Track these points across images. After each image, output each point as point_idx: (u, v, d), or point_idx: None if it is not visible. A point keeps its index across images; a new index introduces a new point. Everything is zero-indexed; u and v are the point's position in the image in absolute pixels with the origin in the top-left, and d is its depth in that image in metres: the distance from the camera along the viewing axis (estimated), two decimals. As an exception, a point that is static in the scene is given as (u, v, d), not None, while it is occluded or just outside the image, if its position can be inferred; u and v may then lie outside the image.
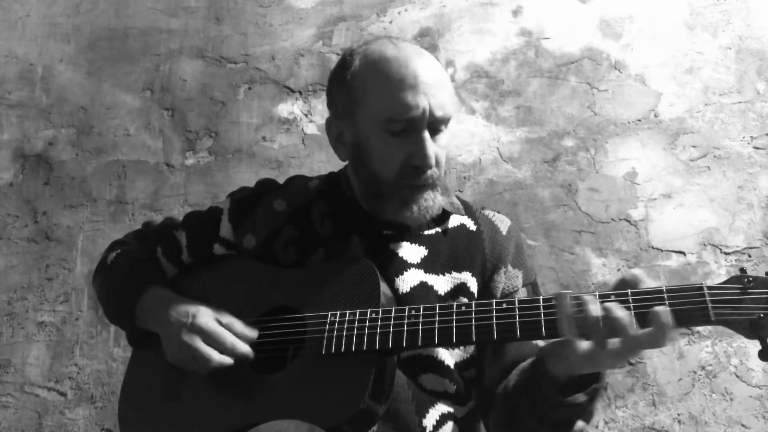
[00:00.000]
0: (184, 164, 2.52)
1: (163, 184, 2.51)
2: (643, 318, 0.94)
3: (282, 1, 2.70)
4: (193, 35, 2.68)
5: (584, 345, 0.97)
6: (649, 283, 0.98)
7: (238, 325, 1.18)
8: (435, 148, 1.18)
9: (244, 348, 1.15)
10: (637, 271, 1.00)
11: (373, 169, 1.21)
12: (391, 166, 1.19)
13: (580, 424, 1.08)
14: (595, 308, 0.95)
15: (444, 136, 1.21)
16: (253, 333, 1.18)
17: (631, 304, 0.95)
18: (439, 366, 1.19)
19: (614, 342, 0.94)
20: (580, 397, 1.04)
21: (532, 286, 1.31)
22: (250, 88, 2.60)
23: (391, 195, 1.20)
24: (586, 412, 1.07)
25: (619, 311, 0.94)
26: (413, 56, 1.19)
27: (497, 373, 1.20)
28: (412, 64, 1.17)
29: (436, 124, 1.18)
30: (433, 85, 1.17)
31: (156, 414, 1.23)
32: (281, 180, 1.44)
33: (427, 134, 1.17)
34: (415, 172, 1.18)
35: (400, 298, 1.19)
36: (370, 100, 1.20)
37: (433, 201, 1.20)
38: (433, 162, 1.17)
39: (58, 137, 2.58)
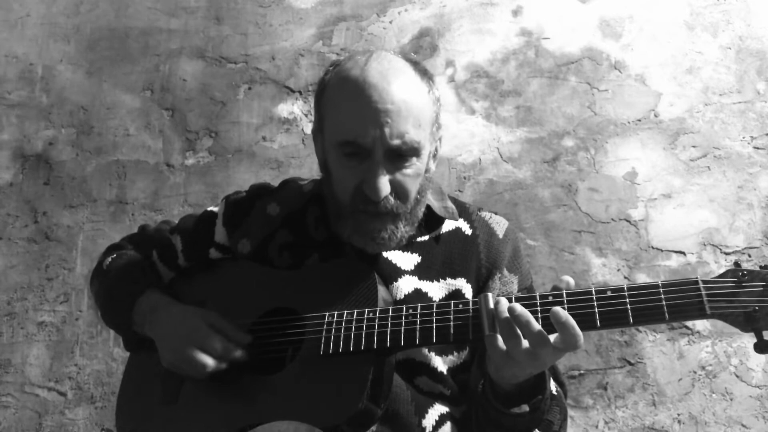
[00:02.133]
0: (184, 164, 2.53)
1: (163, 184, 2.51)
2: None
3: (282, 1, 2.70)
4: (193, 35, 2.68)
5: (501, 343, 0.99)
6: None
7: (231, 329, 1.18)
8: (397, 176, 1.13)
9: (238, 352, 1.16)
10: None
11: (333, 188, 1.20)
12: (345, 189, 1.16)
13: None
14: (503, 305, 0.99)
15: (414, 165, 1.14)
16: (245, 338, 1.18)
17: (566, 305, 0.98)
18: (432, 371, 1.19)
19: (526, 342, 0.98)
20: (524, 408, 1.07)
21: (527, 290, 1.30)
22: (250, 88, 2.60)
23: (347, 218, 1.17)
24: (536, 422, 1.09)
25: (520, 308, 0.97)
26: (376, 80, 1.11)
27: (479, 377, 1.20)
28: (370, 90, 1.10)
29: (396, 152, 1.12)
30: (391, 112, 1.09)
31: (154, 417, 1.23)
32: (279, 181, 1.43)
33: (379, 164, 1.11)
34: (367, 200, 1.13)
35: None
36: (328, 119, 1.18)
37: (392, 233, 1.16)
38: (382, 194, 1.11)
39: (58, 137, 2.58)
